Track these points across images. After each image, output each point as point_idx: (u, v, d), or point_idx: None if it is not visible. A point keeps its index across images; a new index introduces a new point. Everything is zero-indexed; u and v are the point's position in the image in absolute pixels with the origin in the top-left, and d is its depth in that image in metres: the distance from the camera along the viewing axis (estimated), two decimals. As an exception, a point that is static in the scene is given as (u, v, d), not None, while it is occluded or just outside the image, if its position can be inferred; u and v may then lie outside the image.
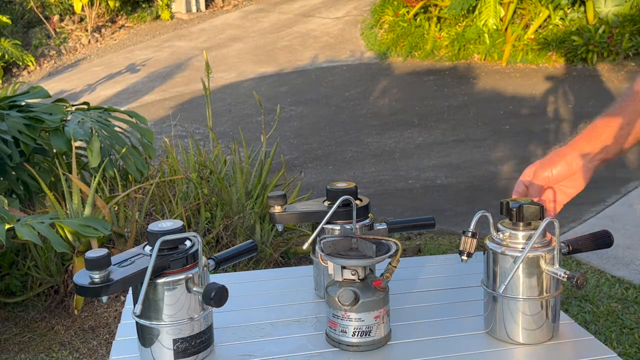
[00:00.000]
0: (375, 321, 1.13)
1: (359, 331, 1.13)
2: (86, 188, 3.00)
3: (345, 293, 1.10)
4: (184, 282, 1.09)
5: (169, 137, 4.18)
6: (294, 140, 5.70)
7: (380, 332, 1.14)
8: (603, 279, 3.16)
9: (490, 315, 1.17)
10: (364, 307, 1.11)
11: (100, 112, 3.64)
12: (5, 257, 3.10)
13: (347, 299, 1.10)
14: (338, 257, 1.13)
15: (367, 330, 1.13)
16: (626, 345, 2.65)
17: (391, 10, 8.45)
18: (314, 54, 8.44)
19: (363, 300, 1.11)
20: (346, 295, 1.10)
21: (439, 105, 6.38)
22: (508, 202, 1.14)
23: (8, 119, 3.19)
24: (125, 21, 10.60)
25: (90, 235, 2.72)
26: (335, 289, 1.13)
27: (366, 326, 1.12)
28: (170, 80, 7.97)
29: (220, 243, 3.24)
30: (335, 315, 1.14)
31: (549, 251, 1.12)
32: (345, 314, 1.12)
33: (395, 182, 4.73)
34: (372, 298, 1.12)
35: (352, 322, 1.12)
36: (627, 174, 4.48)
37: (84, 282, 1.04)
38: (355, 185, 1.31)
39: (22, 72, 9.00)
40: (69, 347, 2.85)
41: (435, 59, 7.71)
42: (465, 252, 1.14)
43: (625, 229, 3.71)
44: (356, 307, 1.11)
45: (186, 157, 3.68)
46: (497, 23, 7.31)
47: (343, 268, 1.13)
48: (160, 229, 1.10)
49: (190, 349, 1.12)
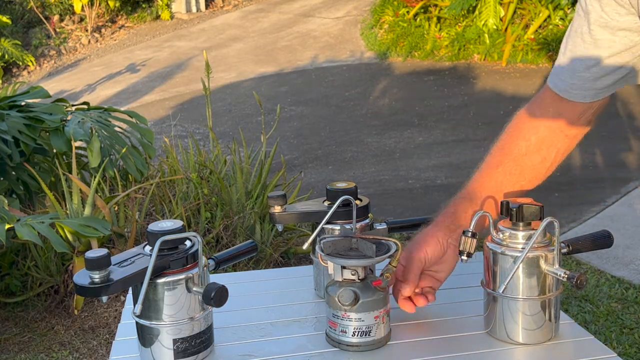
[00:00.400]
0: (376, 321, 1.13)
1: (359, 331, 1.12)
2: (86, 188, 3.00)
3: (345, 293, 1.10)
4: (184, 282, 1.09)
5: (169, 137, 4.18)
6: (294, 140, 5.70)
7: (381, 332, 1.14)
8: (603, 279, 3.16)
9: (490, 315, 1.17)
10: (364, 307, 1.11)
11: (100, 112, 3.64)
12: (5, 257, 3.10)
13: (347, 299, 1.10)
14: (338, 257, 1.13)
15: (367, 330, 1.13)
16: (626, 345, 2.65)
17: (391, 10, 8.45)
18: (314, 54, 8.44)
19: (363, 300, 1.11)
20: (346, 295, 1.10)
21: (439, 105, 6.38)
22: (508, 202, 1.14)
23: (8, 119, 3.19)
24: (125, 21, 10.60)
25: (90, 235, 2.72)
26: (335, 289, 1.12)
27: (366, 326, 1.12)
28: (170, 80, 7.97)
29: (220, 243, 3.24)
30: (335, 315, 1.14)
31: (549, 251, 1.12)
32: (345, 314, 1.12)
33: (395, 182, 4.73)
34: (372, 298, 1.12)
35: (352, 322, 1.12)
36: (627, 174, 4.48)
37: (84, 282, 1.04)
38: (355, 185, 1.31)
39: (22, 72, 9.00)
40: (69, 347, 2.85)
41: (435, 59, 7.71)
42: (465, 252, 1.14)
43: (625, 229, 3.71)
44: (356, 307, 1.11)
45: (186, 157, 3.68)
46: (497, 23, 7.31)
47: (343, 268, 1.12)
48: (160, 229, 1.10)
49: (190, 349, 1.12)
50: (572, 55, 1.16)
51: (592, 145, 4.93)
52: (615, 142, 5.05)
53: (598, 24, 1.10)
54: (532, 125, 1.24)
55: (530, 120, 1.25)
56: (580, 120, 1.22)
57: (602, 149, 4.89)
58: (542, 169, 1.25)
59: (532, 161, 1.24)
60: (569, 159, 1.29)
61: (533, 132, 1.24)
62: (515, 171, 1.24)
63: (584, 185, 4.36)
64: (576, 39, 1.14)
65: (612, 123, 5.37)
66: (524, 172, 1.24)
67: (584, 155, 4.81)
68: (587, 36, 1.12)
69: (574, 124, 1.22)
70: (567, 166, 4.62)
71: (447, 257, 1.21)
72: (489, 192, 1.23)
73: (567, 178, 4.43)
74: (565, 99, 1.20)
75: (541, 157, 1.24)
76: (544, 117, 1.23)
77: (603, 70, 1.13)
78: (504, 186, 1.24)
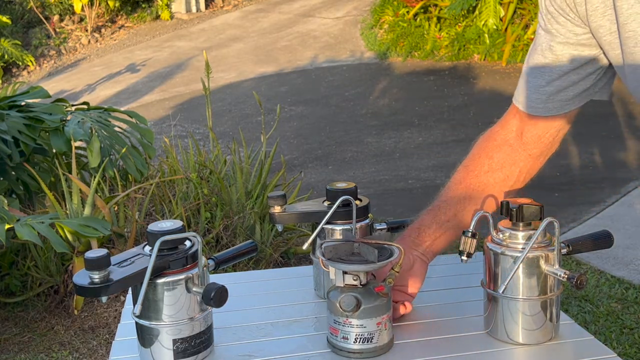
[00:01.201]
0: (378, 327, 1.11)
1: (361, 338, 1.10)
2: (86, 188, 3.00)
3: (347, 299, 1.08)
4: (184, 282, 1.09)
5: (169, 137, 4.18)
6: (293, 140, 5.70)
7: (383, 338, 1.12)
8: (603, 279, 3.16)
9: (490, 315, 1.17)
10: (366, 313, 1.09)
11: (100, 112, 3.64)
12: (5, 257, 3.10)
13: (348, 305, 1.08)
14: (340, 262, 1.10)
15: (369, 337, 1.11)
16: (626, 346, 2.65)
17: (391, 10, 8.45)
18: (314, 54, 8.44)
19: (365, 306, 1.09)
20: (348, 301, 1.08)
21: (438, 105, 6.38)
22: (508, 202, 1.14)
23: (8, 119, 3.19)
24: (125, 21, 10.60)
25: (90, 236, 2.72)
26: (337, 295, 1.11)
27: (368, 332, 1.10)
28: (170, 80, 7.97)
29: (220, 243, 3.24)
30: (336, 321, 1.12)
31: (549, 251, 1.12)
32: (346, 320, 1.10)
33: (395, 182, 4.73)
34: (374, 304, 1.10)
35: (354, 328, 1.10)
36: (627, 174, 4.48)
37: (84, 282, 1.03)
38: (355, 186, 1.31)
39: (22, 72, 9.00)
40: (68, 347, 2.85)
41: (435, 59, 7.71)
42: (465, 253, 1.14)
43: (625, 229, 3.71)
44: (358, 313, 1.09)
45: (186, 157, 3.68)
46: (497, 23, 7.31)
47: (344, 273, 1.10)
48: (160, 229, 1.10)
49: (190, 349, 1.12)
50: (535, 71, 1.18)
51: (592, 145, 4.93)
52: (615, 142, 5.04)
53: (558, 40, 1.14)
54: (496, 143, 1.28)
55: (494, 139, 1.29)
56: (543, 139, 1.25)
57: (602, 149, 4.89)
58: (505, 187, 1.28)
59: (494, 179, 1.27)
60: (569, 159, 1.29)
61: (496, 150, 1.28)
62: (478, 188, 1.27)
63: (584, 185, 4.36)
64: (538, 56, 1.17)
65: (612, 123, 5.37)
66: (485, 189, 1.27)
67: (584, 155, 4.81)
68: (547, 52, 1.15)
69: (537, 142, 1.25)
70: (567, 166, 4.62)
71: (415, 270, 1.23)
72: (453, 208, 1.27)
73: (567, 178, 4.43)
74: (530, 114, 1.22)
75: (504, 175, 1.27)
76: (507, 135, 1.27)
77: (566, 82, 1.16)
78: (467, 202, 1.27)
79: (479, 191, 1.27)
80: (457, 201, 1.27)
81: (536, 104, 1.20)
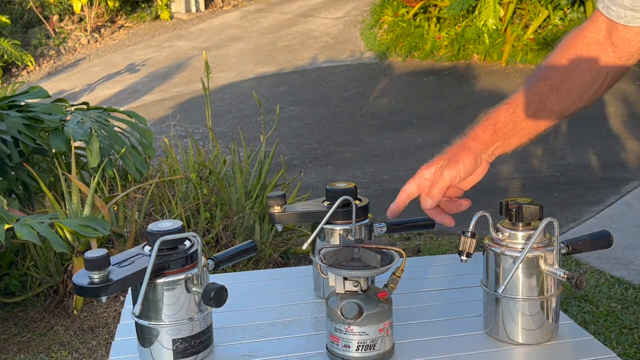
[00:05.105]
0: (380, 334, 1.09)
1: (363, 345, 1.08)
2: (85, 188, 3.00)
3: (349, 306, 1.06)
4: (184, 282, 1.09)
5: (169, 137, 4.18)
6: (293, 140, 5.70)
7: (385, 345, 1.10)
8: (602, 279, 3.16)
9: (490, 315, 1.17)
10: (368, 320, 1.07)
11: (99, 112, 3.64)
12: (5, 257, 3.10)
13: (350, 312, 1.06)
14: (340, 268, 1.08)
15: (372, 344, 1.08)
16: (626, 346, 2.65)
17: (391, 10, 8.45)
18: (313, 54, 8.44)
19: (367, 312, 1.07)
20: (349, 308, 1.06)
21: (438, 105, 6.38)
22: (507, 202, 1.14)
23: (7, 119, 3.19)
24: (125, 21, 10.60)
25: (90, 236, 2.72)
26: (337, 302, 1.08)
27: (370, 340, 1.08)
28: (170, 80, 7.96)
29: (219, 243, 3.24)
30: (337, 329, 1.09)
31: (549, 251, 1.12)
32: (348, 327, 1.07)
33: (395, 182, 4.72)
34: (376, 310, 1.07)
35: (356, 335, 1.08)
36: (626, 174, 4.48)
37: (83, 283, 1.03)
38: (355, 186, 1.31)
39: (21, 72, 9.00)
40: (68, 347, 2.85)
41: (434, 59, 7.71)
42: (464, 253, 1.14)
43: (625, 229, 3.71)
44: (360, 320, 1.07)
45: (185, 157, 3.68)
46: (497, 23, 7.31)
47: (345, 279, 1.08)
48: (159, 229, 1.10)
49: (190, 349, 1.12)
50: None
51: (592, 145, 4.93)
52: (615, 142, 5.05)
53: None
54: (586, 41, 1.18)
55: (584, 36, 1.19)
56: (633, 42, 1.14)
57: (602, 149, 4.89)
58: (590, 90, 1.19)
59: (581, 79, 1.18)
60: (568, 159, 1.29)
61: (585, 50, 1.18)
62: (562, 88, 1.18)
63: (583, 185, 4.36)
64: None
65: (612, 123, 5.37)
66: (570, 90, 1.18)
67: (583, 155, 4.81)
68: None
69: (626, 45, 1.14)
70: (567, 166, 4.62)
71: (478, 172, 1.19)
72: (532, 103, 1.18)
73: (566, 178, 4.43)
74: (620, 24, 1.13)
75: (591, 75, 1.18)
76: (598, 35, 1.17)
77: None
78: (548, 101, 1.19)
79: (563, 92, 1.18)
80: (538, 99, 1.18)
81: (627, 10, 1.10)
